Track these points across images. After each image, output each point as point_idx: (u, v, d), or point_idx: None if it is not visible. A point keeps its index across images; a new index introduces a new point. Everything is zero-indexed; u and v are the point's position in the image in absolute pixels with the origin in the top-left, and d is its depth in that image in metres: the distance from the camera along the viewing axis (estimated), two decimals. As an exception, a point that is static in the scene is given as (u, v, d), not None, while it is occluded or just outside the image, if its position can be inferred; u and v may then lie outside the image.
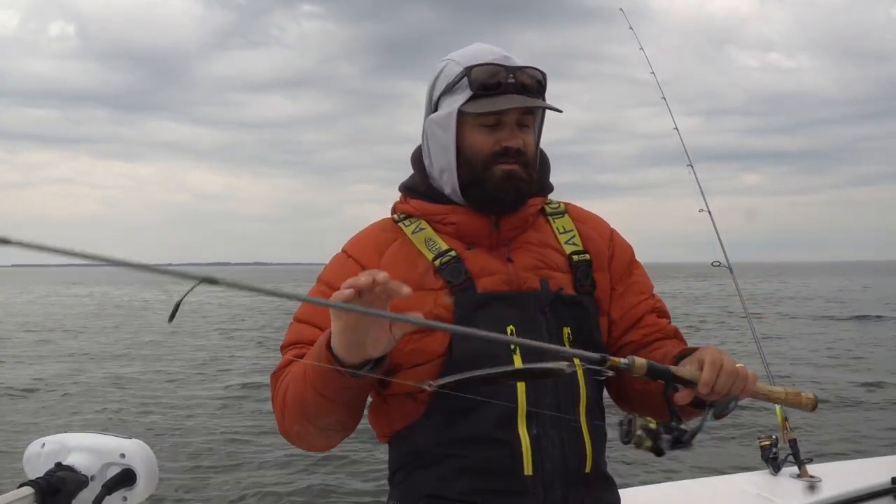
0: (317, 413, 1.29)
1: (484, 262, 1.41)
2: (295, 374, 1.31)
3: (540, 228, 1.50)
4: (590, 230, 1.53)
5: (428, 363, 1.36)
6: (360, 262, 1.44)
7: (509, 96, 1.38)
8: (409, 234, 1.46)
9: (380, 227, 1.52)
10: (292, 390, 1.30)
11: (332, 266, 1.49)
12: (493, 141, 1.40)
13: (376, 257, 1.44)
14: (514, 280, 1.40)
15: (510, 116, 1.39)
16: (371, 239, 1.49)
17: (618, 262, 1.53)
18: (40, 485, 1.16)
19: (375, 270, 1.11)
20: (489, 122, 1.40)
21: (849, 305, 29.14)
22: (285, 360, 1.40)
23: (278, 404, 1.35)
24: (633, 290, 1.52)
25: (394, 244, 1.46)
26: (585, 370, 1.39)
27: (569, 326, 1.40)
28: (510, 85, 1.38)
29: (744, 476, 2.74)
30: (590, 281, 1.46)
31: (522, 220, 1.46)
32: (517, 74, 1.39)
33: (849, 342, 17.55)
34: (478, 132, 1.41)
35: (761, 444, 2.78)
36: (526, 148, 1.41)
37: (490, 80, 1.38)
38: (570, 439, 1.35)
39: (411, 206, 1.50)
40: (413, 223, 1.48)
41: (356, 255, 1.46)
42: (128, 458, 1.24)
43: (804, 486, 2.54)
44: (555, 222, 1.52)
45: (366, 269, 1.41)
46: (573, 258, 1.46)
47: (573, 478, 1.35)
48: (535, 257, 1.44)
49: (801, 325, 21.61)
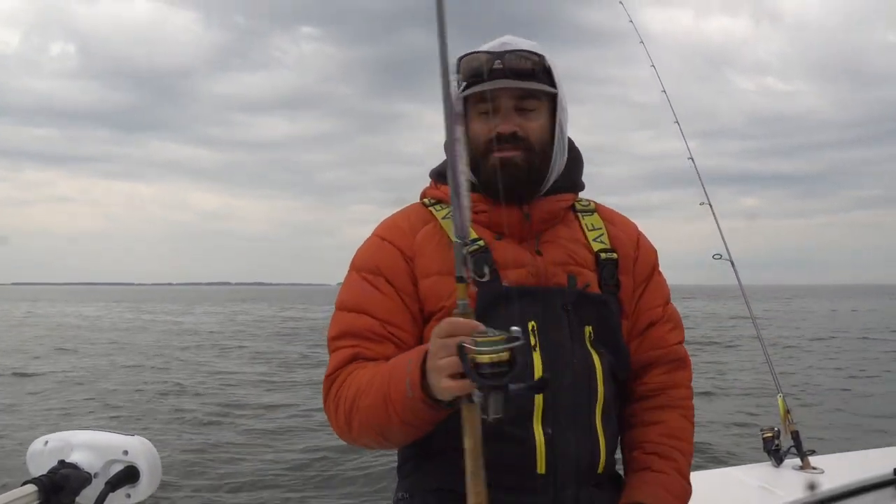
0: (400, 437, 1.29)
1: (513, 254, 1.39)
2: (369, 391, 1.26)
3: (570, 224, 1.48)
4: (618, 231, 1.51)
5: None
6: (395, 244, 1.43)
7: (496, 81, 1.36)
8: (440, 219, 1.45)
9: (411, 210, 1.51)
10: (369, 412, 1.27)
11: (368, 251, 1.46)
12: (488, 128, 1.39)
13: (410, 238, 1.43)
14: (541, 273, 1.38)
15: (504, 102, 1.38)
16: (403, 221, 1.48)
17: (641, 266, 1.51)
18: (43, 482, 1.16)
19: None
20: (484, 108, 1.39)
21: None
22: (340, 358, 1.36)
23: (342, 414, 1.32)
24: (648, 295, 1.51)
25: (426, 226, 1.45)
26: (605, 370, 1.39)
27: (591, 325, 1.39)
28: (498, 71, 1.36)
29: (746, 468, 2.74)
30: (615, 281, 1.45)
31: (553, 213, 1.45)
32: (506, 59, 1.37)
33: (852, 354, 17.55)
34: (476, 120, 1.41)
35: (763, 437, 2.78)
36: (526, 133, 1.39)
37: (477, 67, 1.38)
38: (585, 439, 1.35)
39: (441, 192, 1.49)
40: (444, 208, 1.46)
41: (391, 237, 1.44)
42: (131, 455, 1.23)
43: (806, 478, 2.54)
44: (584, 219, 1.51)
45: (401, 250, 1.41)
46: (600, 256, 1.45)
47: (585, 478, 1.35)
48: (564, 252, 1.42)
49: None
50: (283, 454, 7.70)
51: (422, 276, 1.39)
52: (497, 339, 1.04)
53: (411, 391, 1.17)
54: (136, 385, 12.63)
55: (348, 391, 1.31)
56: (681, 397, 1.49)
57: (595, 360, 1.38)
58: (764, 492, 2.43)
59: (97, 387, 12.57)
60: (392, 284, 1.39)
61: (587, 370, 1.36)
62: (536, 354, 1.33)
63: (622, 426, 1.48)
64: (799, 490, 2.36)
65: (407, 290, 1.39)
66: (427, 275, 1.39)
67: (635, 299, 1.49)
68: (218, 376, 13.93)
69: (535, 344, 1.34)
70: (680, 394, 1.49)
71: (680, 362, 1.51)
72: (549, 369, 1.32)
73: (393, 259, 1.41)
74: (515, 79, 1.37)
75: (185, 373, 14.36)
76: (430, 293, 1.38)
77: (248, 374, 14.36)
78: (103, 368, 15.23)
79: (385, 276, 1.40)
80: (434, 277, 1.38)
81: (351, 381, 1.32)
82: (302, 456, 7.54)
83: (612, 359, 1.41)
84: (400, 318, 1.37)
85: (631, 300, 1.48)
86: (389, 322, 1.37)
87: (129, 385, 12.68)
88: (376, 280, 1.40)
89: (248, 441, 8.34)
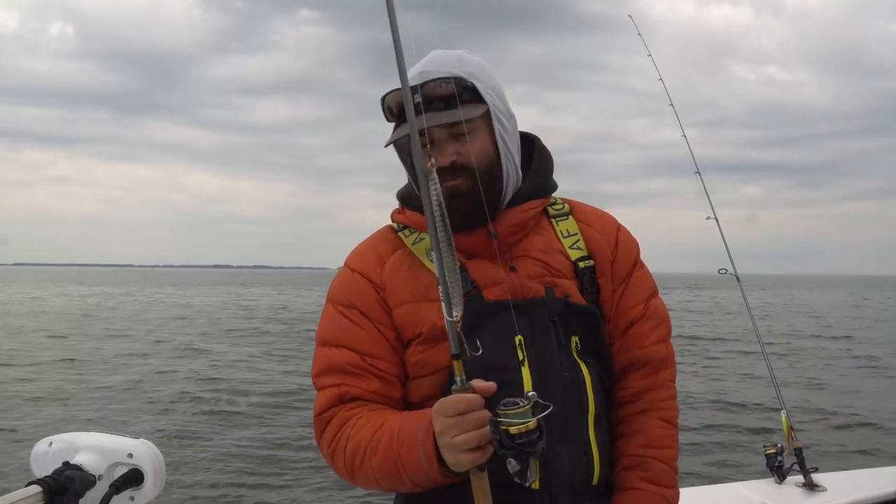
0: (408, 490, 1.32)
1: (486, 273, 1.39)
2: (376, 452, 1.29)
3: (543, 232, 1.46)
4: (595, 233, 1.49)
5: (434, 373, 1.35)
6: (365, 276, 1.43)
7: (419, 117, 1.29)
8: (410, 245, 1.45)
9: (380, 237, 1.51)
10: (379, 473, 1.30)
11: (341, 284, 1.47)
12: (429, 162, 1.36)
13: (378, 269, 1.43)
14: (518, 289, 1.37)
15: (436, 133, 1.34)
16: (371, 251, 1.48)
17: (619, 265, 1.49)
18: (48, 483, 1.16)
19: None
20: (422, 142, 1.33)
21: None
22: (327, 398, 1.37)
23: (341, 465, 1.35)
24: (628, 294, 1.48)
25: (395, 255, 1.44)
26: (594, 380, 1.39)
27: (577, 335, 1.38)
28: (416, 106, 1.30)
29: (748, 484, 2.73)
30: (595, 287, 1.44)
31: (520, 224, 1.43)
32: (425, 90, 1.33)
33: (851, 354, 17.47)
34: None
35: (766, 453, 2.77)
36: (465, 159, 1.36)
37: (399, 106, 1.37)
38: (578, 452, 1.34)
39: (407, 218, 1.48)
40: (413, 233, 1.46)
41: (360, 269, 1.45)
42: (136, 458, 1.24)
43: (809, 495, 2.52)
44: (559, 225, 1.48)
45: (371, 281, 1.42)
46: (579, 265, 1.43)
47: (580, 491, 1.34)
48: (538, 264, 1.41)
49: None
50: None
51: (394, 306, 1.39)
52: (523, 411, 1.12)
53: (427, 465, 1.22)
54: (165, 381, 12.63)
55: (348, 445, 1.32)
56: (660, 399, 1.46)
57: (584, 370, 1.37)
58: (766, 508, 2.42)
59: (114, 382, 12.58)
60: (367, 317, 1.39)
61: (577, 382, 1.36)
62: (525, 369, 1.32)
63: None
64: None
65: (382, 320, 1.39)
66: (400, 303, 1.39)
67: (616, 299, 1.47)
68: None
69: (523, 359, 1.33)
70: (660, 395, 1.46)
71: (660, 362, 1.47)
72: (538, 383, 1.32)
73: (364, 291, 1.41)
74: (439, 109, 1.34)
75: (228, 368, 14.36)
76: (405, 322, 1.38)
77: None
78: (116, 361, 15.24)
79: (359, 309, 1.40)
80: (407, 306, 1.38)
81: (350, 434, 1.33)
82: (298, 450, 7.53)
83: (599, 368, 1.41)
84: (379, 350, 1.38)
85: (611, 302, 1.46)
86: (370, 354, 1.37)
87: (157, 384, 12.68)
88: (351, 313, 1.41)
89: (254, 442, 8.34)
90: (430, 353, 1.35)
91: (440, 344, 1.33)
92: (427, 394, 1.36)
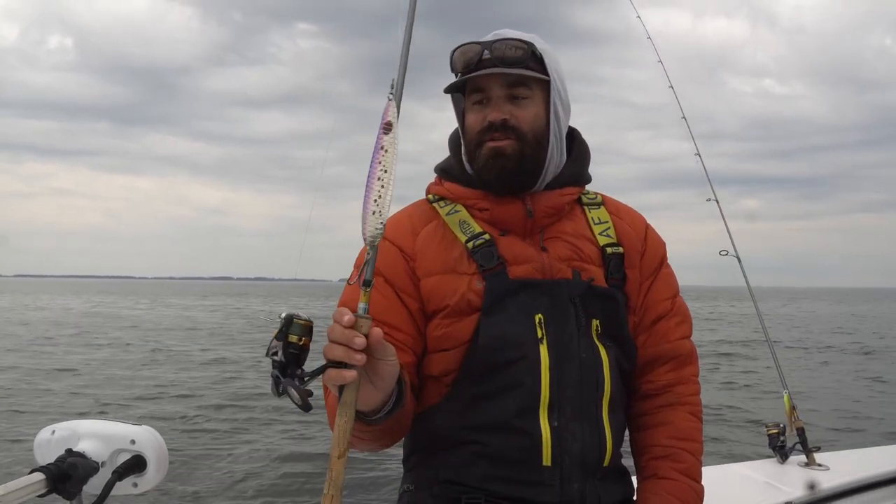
0: (362, 445, 1.30)
1: (518, 250, 1.39)
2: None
3: (575, 218, 1.47)
4: (625, 225, 1.50)
5: (455, 348, 1.36)
6: (395, 244, 1.42)
7: (485, 70, 1.37)
8: (444, 216, 1.45)
9: (415, 208, 1.51)
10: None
11: None
12: (481, 117, 1.39)
13: (411, 238, 1.43)
14: (546, 269, 1.38)
15: (495, 91, 1.38)
16: (406, 220, 1.47)
17: (649, 259, 1.50)
18: (51, 471, 1.17)
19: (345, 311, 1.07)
20: (477, 98, 1.40)
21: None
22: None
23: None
24: (656, 289, 1.50)
25: (429, 225, 1.44)
26: (612, 364, 1.39)
27: (598, 319, 1.38)
28: (486, 61, 1.37)
29: (751, 464, 2.74)
30: (621, 275, 1.44)
31: (557, 208, 1.44)
32: (494, 48, 1.37)
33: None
34: (471, 111, 1.42)
35: (769, 433, 2.78)
36: (518, 121, 1.38)
37: (467, 58, 1.39)
38: (591, 433, 1.34)
39: (445, 189, 1.49)
40: (448, 205, 1.46)
41: (392, 236, 1.43)
42: (138, 444, 1.24)
43: (812, 475, 2.53)
44: (590, 213, 1.49)
45: (401, 249, 1.41)
46: (606, 250, 1.44)
47: (591, 471, 1.34)
48: (569, 248, 1.42)
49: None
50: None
51: (424, 276, 1.39)
52: (306, 325, 1.08)
53: None
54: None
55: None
56: (688, 393, 1.48)
57: (602, 353, 1.37)
58: (769, 487, 2.42)
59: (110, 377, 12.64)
60: (391, 284, 1.39)
61: (594, 363, 1.36)
62: (543, 347, 1.33)
63: (631, 426, 1.48)
64: (803, 486, 2.36)
65: (406, 289, 1.39)
66: (429, 274, 1.39)
67: (642, 293, 1.48)
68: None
69: (542, 336, 1.33)
70: (687, 390, 1.48)
71: (686, 357, 1.50)
72: (555, 362, 1.33)
73: (392, 258, 1.40)
74: (504, 67, 1.37)
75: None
76: (433, 292, 1.38)
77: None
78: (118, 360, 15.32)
79: (384, 276, 1.39)
80: (437, 277, 1.38)
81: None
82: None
83: (618, 352, 1.41)
84: (397, 320, 1.37)
85: (637, 294, 1.47)
86: (386, 323, 1.35)
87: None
88: (374, 279, 1.41)
89: (255, 429, 8.38)
90: (455, 326, 1.36)
91: (466, 318, 1.35)
92: (448, 367, 1.37)
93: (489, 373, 1.33)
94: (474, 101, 1.41)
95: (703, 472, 1.44)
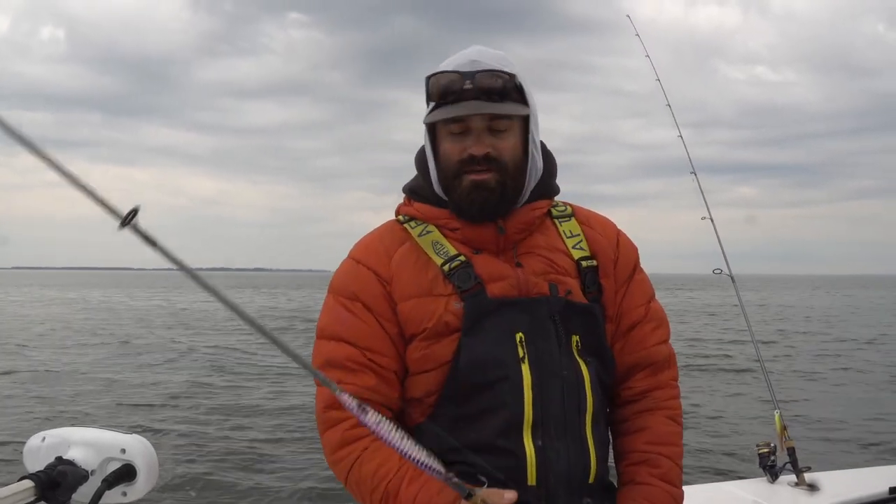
0: None
1: (493, 268, 1.39)
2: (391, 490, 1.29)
3: (546, 232, 1.48)
4: (597, 234, 1.51)
5: (435, 369, 1.36)
6: (371, 268, 1.42)
7: (467, 103, 1.35)
8: (416, 237, 1.44)
9: (386, 230, 1.51)
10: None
11: (345, 275, 1.45)
12: (460, 149, 1.38)
13: (386, 261, 1.42)
14: (523, 285, 1.38)
15: (476, 123, 1.37)
16: (378, 243, 1.47)
17: (622, 266, 1.51)
18: (41, 478, 1.16)
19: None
20: (456, 129, 1.38)
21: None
22: (329, 395, 1.31)
23: (353, 476, 1.34)
24: (630, 296, 1.51)
25: (402, 247, 1.44)
26: (593, 379, 1.39)
27: (577, 334, 1.39)
28: (468, 91, 1.35)
29: (741, 483, 2.74)
30: (597, 287, 1.45)
31: (528, 223, 1.44)
32: (477, 79, 1.35)
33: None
34: (448, 140, 1.40)
35: (759, 452, 2.78)
36: (498, 154, 1.37)
37: (447, 88, 1.37)
38: (575, 450, 1.35)
39: (415, 210, 1.48)
40: (419, 225, 1.46)
41: (366, 260, 1.44)
42: (128, 453, 1.24)
43: (801, 494, 2.53)
44: (561, 226, 1.50)
45: (377, 274, 1.41)
46: (581, 264, 1.44)
47: (577, 488, 1.34)
48: (543, 262, 1.42)
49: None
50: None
51: (400, 300, 1.38)
52: None
53: None
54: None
55: (359, 473, 1.33)
56: (665, 398, 1.48)
57: (583, 369, 1.38)
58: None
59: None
60: (370, 310, 1.38)
61: (576, 380, 1.36)
62: (525, 366, 1.33)
63: (612, 433, 1.48)
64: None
65: (385, 314, 1.38)
66: (406, 298, 1.38)
67: (618, 301, 1.48)
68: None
69: (523, 356, 1.33)
70: (665, 395, 1.48)
71: (664, 362, 1.50)
72: (537, 381, 1.33)
73: (369, 283, 1.40)
74: (487, 100, 1.35)
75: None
76: (410, 317, 1.37)
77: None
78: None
79: (362, 302, 1.39)
80: (414, 300, 1.38)
81: (360, 460, 1.33)
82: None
83: (598, 366, 1.41)
84: (380, 345, 1.37)
85: (613, 303, 1.48)
86: (370, 349, 1.37)
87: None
88: (353, 306, 1.39)
89: (247, 438, 8.33)
90: (433, 348, 1.36)
91: (444, 339, 1.35)
92: (428, 389, 1.37)
93: (472, 393, 1.33)
94: (452, 132, 1.39)
95: (692, 491, 1.44)
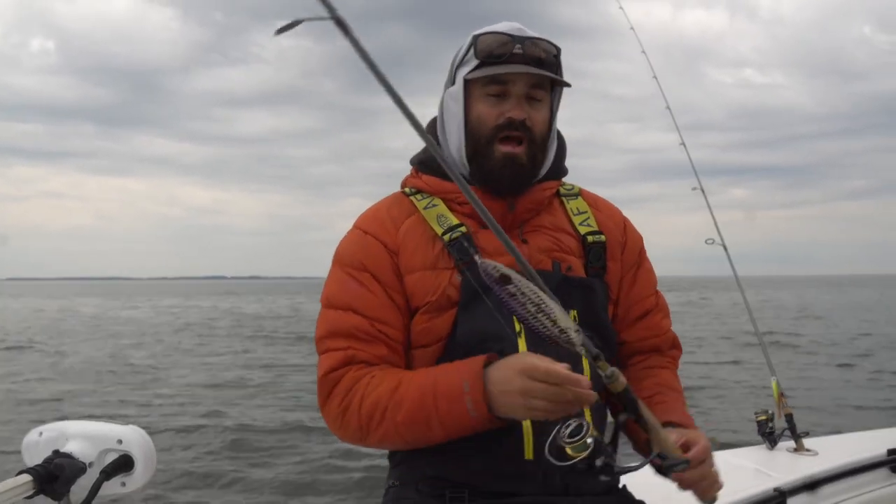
0: (433, 441, 1.29)
1: (497, 243, 1.36)
2: (401, 407, 1.26)
3: (554, 212, 1.47)
4: (604, 217, 1.50)
5: (434, 344, 1.36)
6: (378, 238, 1.41)
7: (515, 66, 1.34)
8: (421, 210, 1.43)
9: (393, 201, 1.49)
10: (405, 428, 1.27)
11: (351, 245, 1.44)
12: (497, 112, 1.36)
13: (393, 232, 1.41)
14: (527, 261, 1.38)
15: (517, 87, 1.35)
16: (385, 213, 1.45)
17: (629, 252, 1.51)
18: (39, 472, 1.16)
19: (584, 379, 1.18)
20: (494, 91, 1.36)
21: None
22: (334, 360, 1.34)
23: (353, 423, 1.31)
24: (640, 282, 1.51)
25: (409, 219, 1.43)
26: (591, 362, 1.40)
27: (576, 309, 1.38)
28: (517, 55, 1.34)
29: (740, 451, 2.75)
30: (601, 264, 1.44)
31: (537, 202, 1.44)
32: (526, 45, 1.34)
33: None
34: (483, 102, 1.38)
35: (758, 419, 2.79)
36: (532, 123, 1.37)
37: (496, 48, 1.35)
38: None
39: (423, 182, 1.46)
40: (425, 198, 1.44)
41: (373, 231, 1.42)
42: (125, 444, 1.24)
43: (800, 459, 2.55)
44: (569, 203, 1.49)
45: (385, 244, 1.39)
46: (588, 238, 1.44)
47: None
48: (549, 239, 1.42)
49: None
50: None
51: (406, 272, 1.38)
52: (580, 443, 1.17)
53: (476, 412, 1.21)
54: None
55: (364, 403, 1.29)
56: (669, 365, 1.53)
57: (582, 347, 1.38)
58: (759, 474, 2.44)
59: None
60: (378, 280, 1.37)
61: (573, 355, 1.37)
62: (521, 340, 1.33)
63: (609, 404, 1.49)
64: (793, 472, 2.38)
65: (393, 285, 1.38)
66: (412, 270, 1.37)
67: (624, 286, 1.49)
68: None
69: (520, 330, 1.33)
70: (669, 363, 1.53)
71: (671, 344, 1.56)
72: None
73: (377, 253, 1.39)
74: (535, 66, 1.34)
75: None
76: (415, 289, 1.37)
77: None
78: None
79: (371, 272, 1.38)
80: (419, 273, 1.37)
81: (364, 391, 1.30)
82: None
83: (598, 342, 1.41)
84: (388, 316, 1.36)
85: (618, 285, 1.48)
86: (379, 320, 1.35)
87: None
88: (362, 276, 1.38)
89: (243, 425, 8.36)
90: (434, 321, 1.35)
91: (445, 313, 1.34)
92: (425, 364, 1.36)
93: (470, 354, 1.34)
94: (489, 93, 1.37)
95: None
